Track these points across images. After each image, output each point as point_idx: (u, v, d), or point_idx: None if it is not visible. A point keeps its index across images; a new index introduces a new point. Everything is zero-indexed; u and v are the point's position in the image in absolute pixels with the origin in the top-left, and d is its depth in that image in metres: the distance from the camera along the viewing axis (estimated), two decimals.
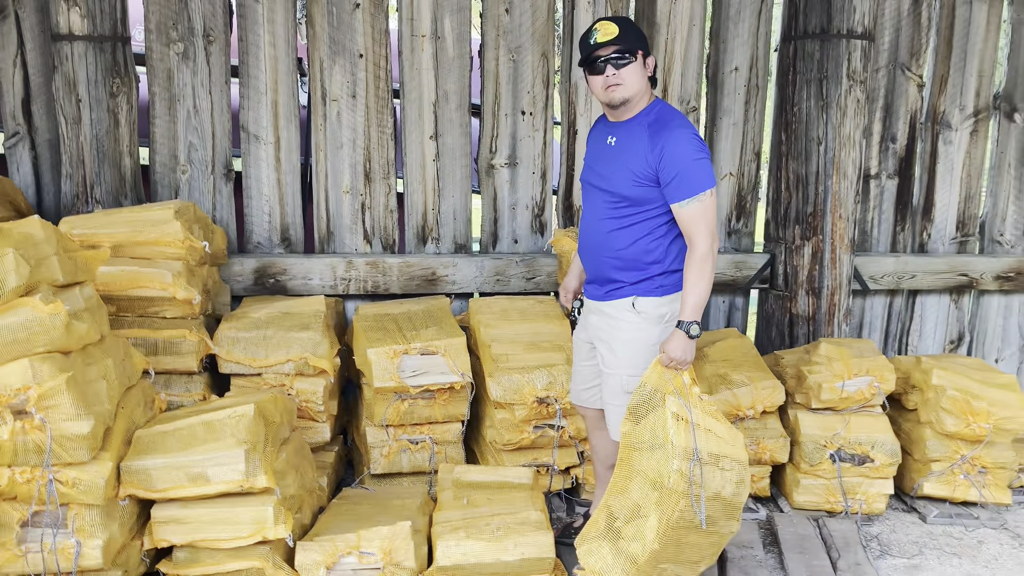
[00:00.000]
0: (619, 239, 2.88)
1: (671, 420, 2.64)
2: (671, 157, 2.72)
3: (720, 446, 2.69)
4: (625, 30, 2.77)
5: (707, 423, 2.71)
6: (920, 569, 3.34)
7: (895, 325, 4.79)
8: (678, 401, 2.69)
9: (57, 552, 2.66)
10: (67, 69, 3.72)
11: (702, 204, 2.74)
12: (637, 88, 2.80)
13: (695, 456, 2.61)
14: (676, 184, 2.73)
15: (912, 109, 4.61)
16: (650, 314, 2.91)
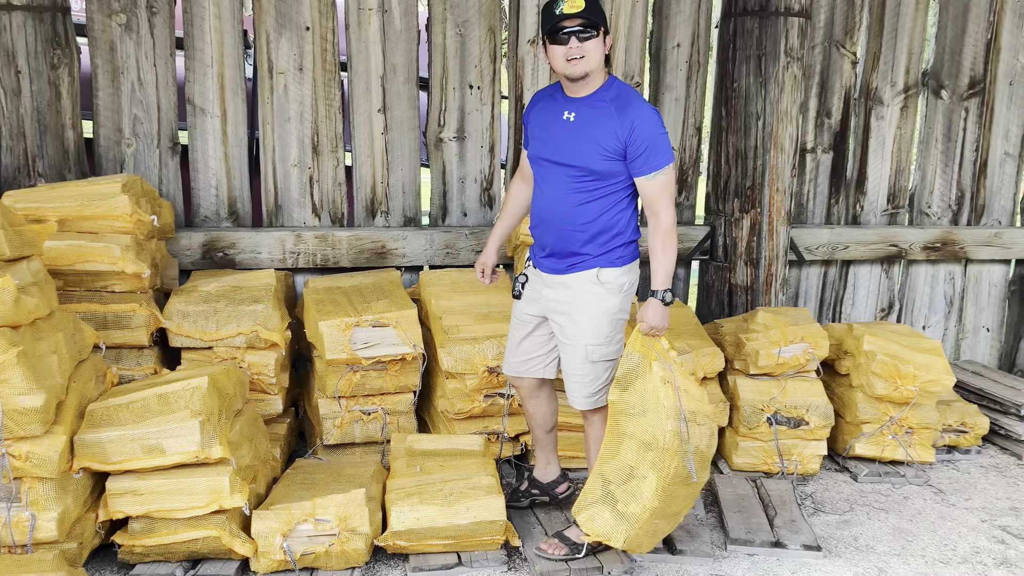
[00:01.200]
0: (586, 212, 2.93)
1: (660, 384, 2.78)
2: (640, 132, 2.81)
3: (695, 403, 2.84)
4: (591, 3, 2.81)
5: (687, 385, 2.86)
6: (850, 524, 3.53)
7: (829, 294, 4.99)
8: (663, 365, 2.81)
9: (11, 525, 2.67)
10: (5, 40, 3.66)
11: (666, 177, 2.87)
12: (596, 63, 2.85)
13: (682, 415, 2.75)
14: (644, 158, 2.83)
15: (846, 85, 4.77)
16: (612, 284, 2.99)
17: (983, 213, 5.11)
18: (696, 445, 2.80)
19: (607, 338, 3.02)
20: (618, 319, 3.04)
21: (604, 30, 2.85)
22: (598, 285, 2.99)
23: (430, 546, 3.03)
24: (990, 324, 5.22)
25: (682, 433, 2.75)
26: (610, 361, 3.06)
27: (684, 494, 2.88)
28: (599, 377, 3.07)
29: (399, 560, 3.09)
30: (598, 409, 3.13)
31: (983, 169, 5.06)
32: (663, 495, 2.79)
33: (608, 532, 2.92)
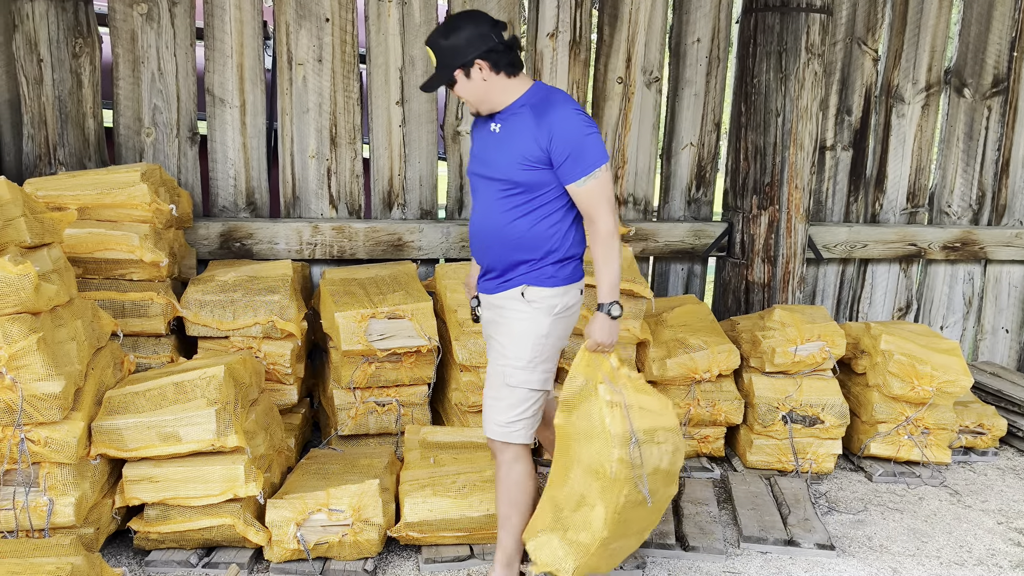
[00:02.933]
0: (515, 228, 2.65)
1: (606, 408, 2.55)
2: (561, 136, 2.55)
3: (653, 420, 2.61)
4: (439, 54, 2.62)
5: (639, 401, 2.62)
6: (865, 524, 3.51)
7: (847, 292, 4.96)
8: (610, 387, 2.58)
9: (29, 510, 2.70)
10: (28, 28, 3.68)
11: (599, 181, 2.58)
12: (477, 96, 2.64)
13: (633, 439, 2.53)
14: (570, 163, 2.56)
15: (867, 82, 4.73)
16: (541, 305, 2.68)
17: (1004, 213, 5.06)
18: (656, 466, 2.59)
19: (529, 363, 2.68)
20: (545, 344, 2.70)
21: (465, 65, 2.58)
22: (523, 303, 2.68)
23: (443, 538, 3.04)
24: (1009, 325, 5.18)
25: (633, 459, 2.53)
26: (532, 391, 2.71)
27: (642, 514, 2.67)
28: (516, 406, 2.70)
29: (412, 551, 3.11)
30: (508, 447, 2.74)
31: (1005, 168, 5.01)
32: (614, 524, 2.59)
33: (556, 562, 2.70)
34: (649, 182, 4.61)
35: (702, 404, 3.84)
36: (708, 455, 3.99)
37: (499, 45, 2.59)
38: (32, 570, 2.38)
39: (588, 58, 4.43)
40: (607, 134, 4.49)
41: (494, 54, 2.58)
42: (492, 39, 2.59)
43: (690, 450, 3.94)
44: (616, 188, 4.56)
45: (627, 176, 4.56)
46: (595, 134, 2.59)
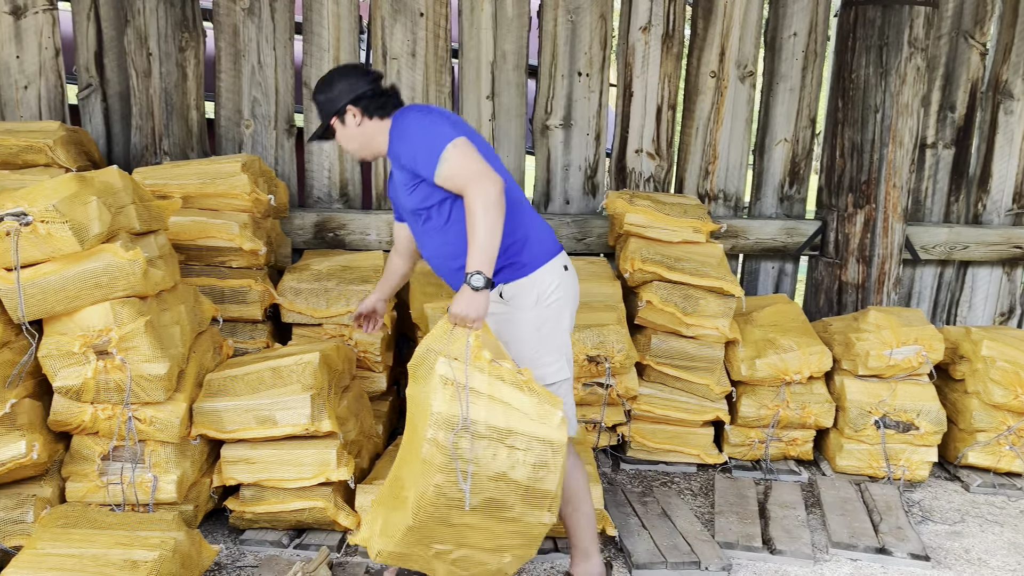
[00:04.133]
0: (445, 243, 2.65)
1: (438, 384, 2.36)
2: (403, 146, 2.59)
3: (515, 421, 2.38)
4: (318, 107, 2.74)
5: (501, 393, 2.39)
6: (961, 535, 3.39)
7: (944, 295, 4.79)
8: (450, 363, 2.38)
9: (136, 485, 2.82)
10: (139, 23, 3.83)
11: (450, 160, 2.49)
12: (358, 143, 2.72)
13: (460, 425, 2.33)
14: (421, 163, 2.54)
15: (973, 78, 4.55)
16: (520, 300, 2.63)
17: None
18: (501, 471, 2.35)
19: (530, 361, 2.60)
20: (541, 335, 2.63)
21: (340, 112, 2.68)
22: (503, 304, 2.63)
23: None
24: None
25: (453, 446, 2.31)
26: (553, 384, 2.64)
27: (488, 526, 2.43)
28: None
29: None
30: None
31: None
32: (422, 515, 2.38)
33: (369, 539, 2.58)
34: (740, 178, 4.53)
35: (791, 406, 3.77)
36: (796, 458, 3.91)
37: (369, 92, 2.68)
38: (138, 542, 2.50)
39: (680, 52, 4.37)
40: (698, 129, 4.43)
41: (364, 100, 2.67)
42: (362, 87, 2.68)
43: (777, 453, 3.87)
44: (707, 183, 4.50)
45: (718, 171, 4.49)
46: (430, 124, 2.55)
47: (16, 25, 3.90)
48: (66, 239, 2.67)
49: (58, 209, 2.65)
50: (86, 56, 4.03)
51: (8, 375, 2.74)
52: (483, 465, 2.34)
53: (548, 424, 2.39)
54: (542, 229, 2.71)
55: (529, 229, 2.66)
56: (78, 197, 2.72)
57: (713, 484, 3.67)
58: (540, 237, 2.68)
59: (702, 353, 3.77)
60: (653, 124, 4.41)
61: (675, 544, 3.13)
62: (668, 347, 3.77)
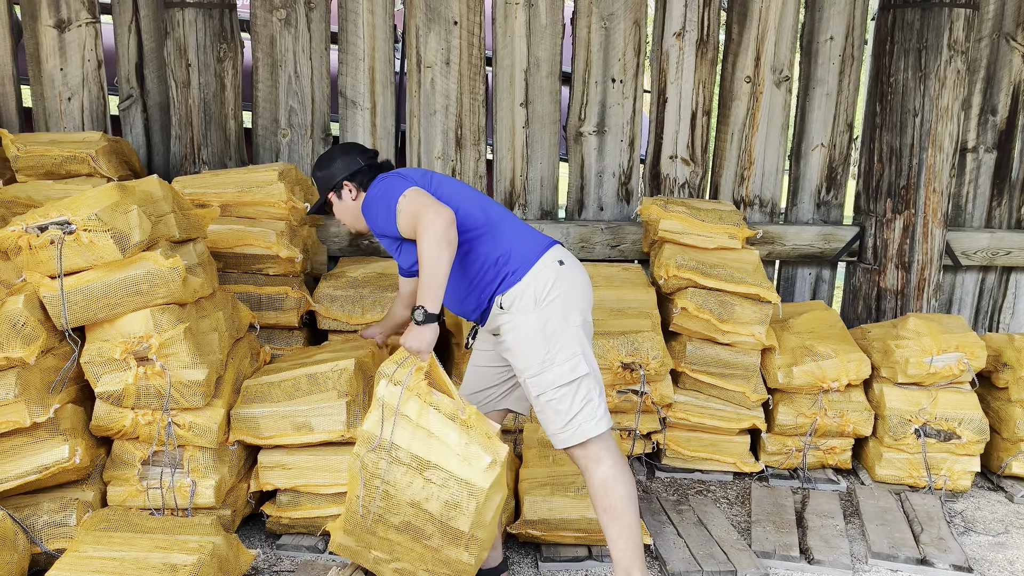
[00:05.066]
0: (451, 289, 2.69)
1: (374, 403, 2.50)
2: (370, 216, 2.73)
3: (440, 456, 2.44)
4: (317, 183, 2.90)
5: (431, 424, 2.47)
6: (1006, 547, 3.33)
7: (986, 302, 4.70)
8: (389, 387, 2.49)
9: (175, 490, 2.86)
10: (178, 35, 3.90)
11: (403, 208, 2.58)
12: (350, 217, 2.87)
13: (379, 444, 2.45)
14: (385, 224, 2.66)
15: (1015, 80, 4.48)
16: (520, 303, 2.62)
17: None
18: (415, 500, 2.45)
19: (542, 364, 2.58)
20: (549, 335, 2.59)
21: (337, 188, 2.83)
22: (506, 314, 2.64)
23: (562, 537, 3.05)
24: None
25: (369, 465, 2.45)
26: (563, 386, 2.58)
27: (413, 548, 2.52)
28: (558, 409, 2.59)
29: (530, 548, 3.13)
30: (585, 445, 2.60)
31: None
32: (348, 517, 2.53)
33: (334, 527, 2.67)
34: (777, 183, 4.49)
35: (829, 414, 3.72)
36: (834, 467, 3.86)
37: (364, 167, 2.82)
38: (177, 546, 2.53)
39: (715, 57, 4.35)
40: (733, 134, 4.41)
41: (359, 175, 2.81)
42: (358, 163, 2.83)
43: (815, 461, 3.82)
44: (743, 189, 4.47)
45: (753, 177, 4.46)
46: (386, 187, 2.67)
47: (60, 38, 3.99)
48: (108, 247, 2.72)
49: (100, 218, 2.70)
50: (127, 68, 4.11)
51: (52, 381, 2.79)
52: (399, 489, 2.47)
53: (472, 467, 2.43)
54: (527, 235, 2.73)
55: (513, 240, 2.68)
56: (119, 206, 2.77)
57: (749, 493, 3.63)
58: (525, 243, 2.69)
59: (738, 360, 3.74)
60: (688, 130, 4.39)
61: (711, 553, 3.10)
62: (703, 354, 3.74)
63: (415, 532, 2.50)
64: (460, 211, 2.65)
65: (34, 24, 3.97)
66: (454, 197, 2.68)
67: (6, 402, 2.64)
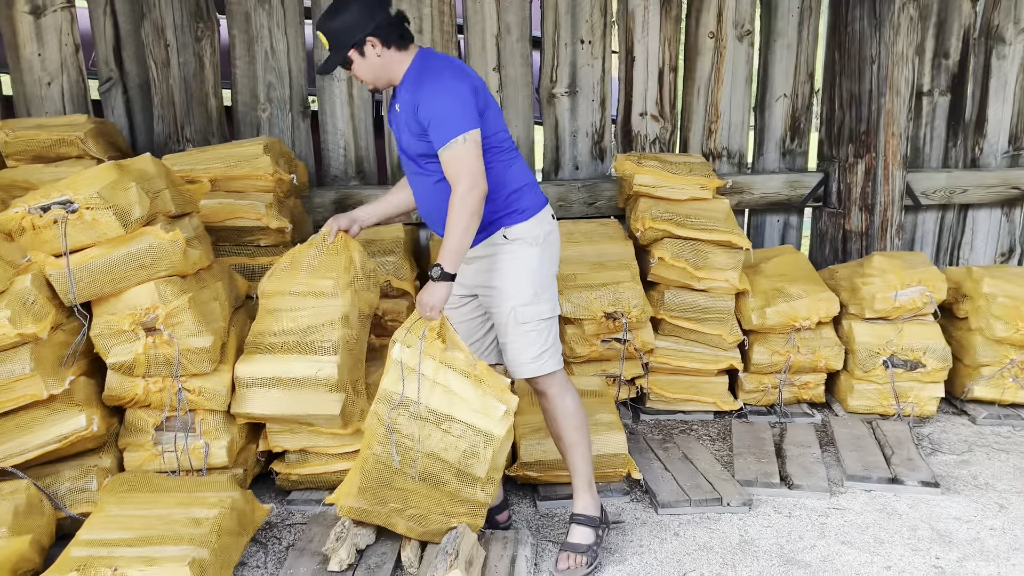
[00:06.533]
0: (444, 190, 2.67)
1: (390, 363, 2.60)
2: (425, 106, 2.62)
3: (456, 409, 2.59)
4: (330, 37, 2.69)
5: (445, 379, 2.60)
6: (970, 464, 3.56)
7: (946, 239, 4.93)
8: (403, 348, 2.60)
9: (189, 452, 3.00)
10: (155, 16, 3.96)
11: (453, 152, 2.59)
12: (374, 73, 2.72)
13: (399, 402, 2.57)
14: (435, 132, 2.61)
15: (965, 25, 4.66)
16: (525, 237, 2.77)
17: None
18: (434, 451, 2.60)
19: (534, 296, 2.76)
20: (541, 274, 2.79)
21: (359, 43, 2.66)
22: (507, 244, 2.77)
23: (557, 476, 3.23)
24: None
25: (385, 419, 2.58)
26: (544, 320, 2.79)
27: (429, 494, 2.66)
28: (535, 340, 2.78)
29: (528, 489, 3.31)
30: (550, 377, 2.82)
31: None
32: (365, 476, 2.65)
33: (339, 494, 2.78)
34: (743, 135, 4.66)
35: (802, 351, 3.92)
36: (809, 401, 4.07)
37: (387, 20, 2.66)
38: (198, 502, 2.68)
39: (679, 15, 4.49)
40: (699, 89, 4.56)
41: (383, 29, 2.66)
42: (379, 15, 2.66)
43: (790, 397, 4.03)
44: (711, 142, 4.63)
45: (720, 130, 4.62)
46: (458, 104, 2.59)
47: (36, 24, 4.04)
48: (110, 224, 2.83)
49: (101, 196, 2.80)
50: (105, 51, 4.16)
51: (62, 355, 2.90)
52: (419, 441, 2.60)
53: (488, 417, 2.61)
54: (534, 181, 2.87)
55: (526, 179, 2.82)
56: (119, 184, 2.88)
57: (730, 429, 3.84)
58: (534, 187, 2.85)
59: (714, 305, 3.92)
60: (656, 87, 4.53)
61: (697, 484, 3.30)
62: (681, 301, 3.92)
63: (433, 480, 2.65)
64: (498, 134, 2.74)
65: (9, 11, 4.01)
66: (497, 120, 2.75)
67: (23, 376, 2.75)
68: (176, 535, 2.50)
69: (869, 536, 3.03)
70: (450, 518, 2.72)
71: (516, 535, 2.90)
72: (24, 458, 2.79)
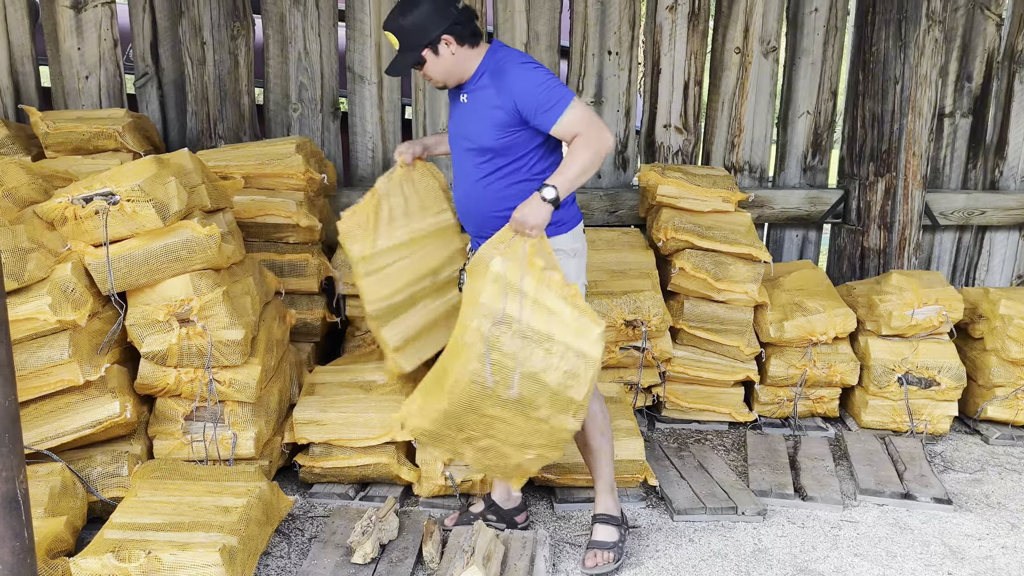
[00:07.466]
0: (495, 190, 2.72)
1: (490, 278, 2.44)
2: (523, 95, 2.60)
3: (556, 329, 2.46)
4: (401, 36, 2.66)
5: (546, 299, 2.47)
6: (982, 483, 3.60)
7: (963, 259, 4.97)
8: (504, 262, 2.46)
9: (217, 442, 3.07)
10: (193, 14, 4.05)
11: (573, 112, 2.58)
12: (446, 72, 2.71)
13: (501, 319, 2.41)
14: (543, 114, 2.59)
15: (989, 48, 4.71)
16: (565, 249, 2.78)
17: None
18: (535, 372, 2.43)
19: None
20: (580, 282, 2.83)
21: (432, 43, 2.64)
22: None
23: (575, 480, 3.29)
24: None
25: (486, 335, 2.39)
26: None
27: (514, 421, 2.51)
28: None
29: (546, 492, 3.37)
30: None
31: None
32: (454, 398, 2.47)
33: (407, 416, 2.67)
34: (765, 150, 4.72)
35: (818, 365, 3.97)
36: (823, 415, 4.12)
37: (460, 17, 2.64)
38: (227, 491, 2.75)
39: (706, 29, 4.55)
40: (723, 103, 4.62)
41: (458, 27, 2.63)
42: (452, 12, 2.63)
43: (805, 410, 4.08)
44: (733, 156, 4.69)
45: (743, 144, 4.68)
46: (551, 79, 2.61)
47: (77, 19, 4.12)
48: (150, 216, 2.90)
49: (143, 189, 2.88)
50: (142, 46, 4.25)
51: (98, 343, 2.98)
52: (519, 361, 2.42)
53: (586, 338, 2.47)
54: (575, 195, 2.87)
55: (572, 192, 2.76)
56: (158, 178, 2.95)
57: (744, 440, 3.88)
58: (575, 202, 2.88)
59: (732, 316, 3.97)
60: (680, 100, 4.59)
61: (712, 492, 3.35)
62: (700, 311, 3.98)
63: (525, 404, 2.47)
64: None
65: (51, 5, 4.10)
66: None
67: (61, 362, 2.82)
68: (206, 522, 2.57)
69: (881, 549, 3.08)
70: (526, 451, 2.60)
71: (535, 535, 2.96)
72: (59, 442, 2.86)
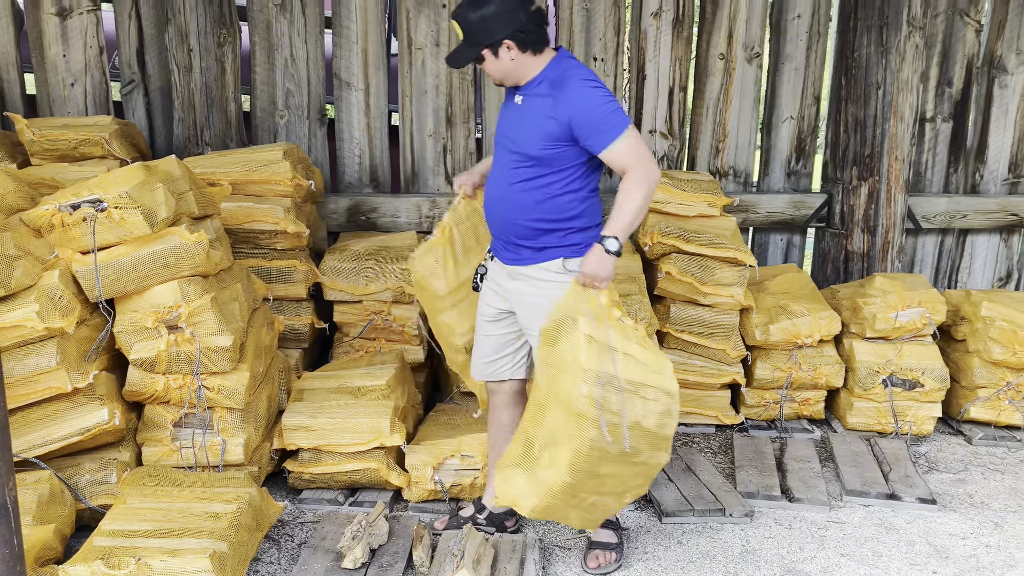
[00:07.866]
0: (526, 197, 2.70)
1: (583, 341, 2.49)
2: (579, 113, 2.59)
3: (643, 374, 2.53)
4: (466, 28, 2.64)
5: (628, 348, 2.54)
6: (965, 483, 3.64)
7: (945, 262, 5.02)
8: (591, 322, 2.52)
9: (207, 448, 3.07)
10: (180, 21, 4.05)
11: (623, 144, 2.58)
12: (503, 73, 2.69)
13: (605, 380, 2.47)
14: (596, 136, 2.59)
15: (969, 54, 4.77)
16: None
17: None
18: (637, 420, 2.50)
19: None
20: None
21: (494, 43, 2.62)
22: (565, 274, 2.72)
23: None
24: None
25: (601, 400, 2.46)
26: None
27: (619, 472, 2.59)
28: None
29: None
30: None
31: None
32: (576, 469, 2.53)
33: (517, 498, 2.67)
34: (749, 155, 4.76)
35: (803, 368, 4.01)
36: (808, 417, 4.15)
37: (528, 24, 2.61)
38: (217, 497, 2.75)
39: (691, 35, 4.59)
40: (708, 109, 4.66)
41: (522, 34, 2.61)
42: (521, 18, 2.60)
43: (791, 412, 4.11)
44: (718, 161, 4.72)
45: (728, 149, 4.72)
46: (611, 102, 2.60)
47: (62, 26, 4.12)
48: (138, 223, 2.90)
49: (130, 196, 2.88)
50: (128, 53, 4.24)
51: (86, 350, 2.97)
52: (627, 416, 2.50)
53: (667, 375, 2.57)
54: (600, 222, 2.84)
55: (597, 219, 2.80)
56: (146, 184, 2.95)
57: (731, 443, 3.91)
58: (599, 225, 2.80)
59: (718, 320, 4.00)
60: (665, 105, 4.63)
61: (700, 494, 3.37)
62: (686, 315, 4.00)
63: (632, 454, 2.54)
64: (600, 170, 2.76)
65: (36, 12, 4.10)
66: None
67: (48, 369, 2.82)
68: (196, 528, 2.57)
69: (867, 550, 3.11)
70: (624, 495, 2.70)
71: (524, 539, 2.97)
72: (47, 449, 2.85)
